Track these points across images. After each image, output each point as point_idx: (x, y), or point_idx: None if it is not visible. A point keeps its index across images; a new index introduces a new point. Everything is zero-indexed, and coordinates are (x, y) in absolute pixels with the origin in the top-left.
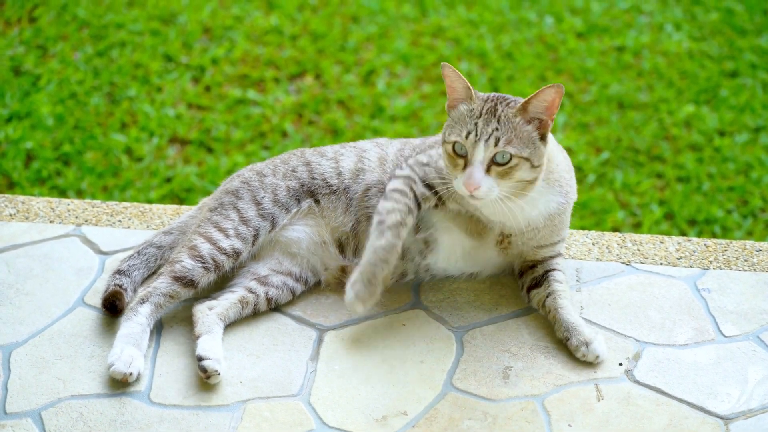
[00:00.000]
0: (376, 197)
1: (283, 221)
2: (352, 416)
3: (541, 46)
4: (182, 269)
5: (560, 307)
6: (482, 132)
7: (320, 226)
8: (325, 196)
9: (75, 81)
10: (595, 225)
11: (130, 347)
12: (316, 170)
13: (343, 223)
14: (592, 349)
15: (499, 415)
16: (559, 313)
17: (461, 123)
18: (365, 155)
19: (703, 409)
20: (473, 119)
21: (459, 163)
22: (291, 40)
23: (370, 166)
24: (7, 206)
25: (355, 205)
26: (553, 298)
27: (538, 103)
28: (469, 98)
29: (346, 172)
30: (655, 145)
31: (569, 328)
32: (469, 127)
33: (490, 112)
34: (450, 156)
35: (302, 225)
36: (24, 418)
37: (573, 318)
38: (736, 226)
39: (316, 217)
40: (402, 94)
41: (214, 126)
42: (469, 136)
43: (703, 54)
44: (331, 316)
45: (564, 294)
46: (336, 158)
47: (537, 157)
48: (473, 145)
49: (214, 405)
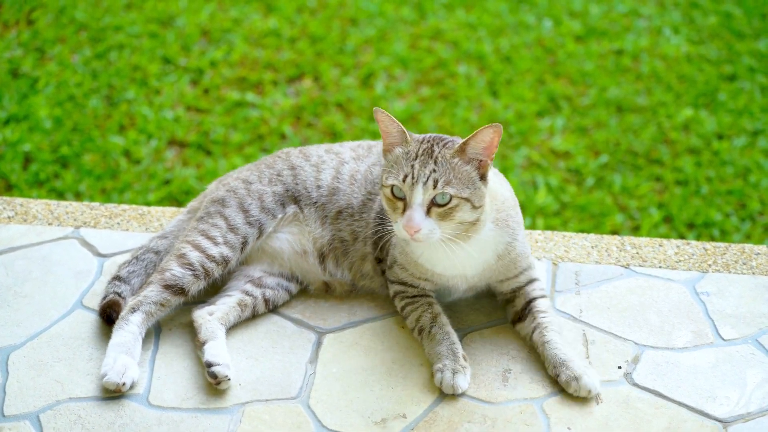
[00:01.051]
0: (346, 221)
1: (270, 228)
2: (351, 419)
3: (540, 50)
4: (172, 277)
5: (547, 342)
6: (419, 174)
7: (303, 234)
8: (307, 206)
9: (73, 83)
10: (593, 228)
11: (123, 356)
12: (300, 176)
13: (321, 235)
14: (583, 384)
15: (498, 418)
16: (546, 349)
17: (398, 166)
18: (342, 170)
19: (702, 412)
20: (409, 161)
21: (398, 206)
22: (289, 43)
23: (342, 185)
24: (5, 208)
25: (329, 224)
26: (539, 333)
27: (476, 144)
28: (404, 141)
29: (324, 186)
30: (654, 149)
31: (557, 363)
32: (405, 170)
33: (426, 154)
34: (389, 200)
35: (286, 233)
36: (22, 420)
37: (561, 353)
38: (735, 230)
39: (300, 224)
40: (400, 96)
41: (212, 128)
42: (406, 179)
43: (701, 58)
44: (330, 319)
45: (550, 326)
46: (318, 166)
47: (478, 197)
48: (411, 188)
49: (213, 408)
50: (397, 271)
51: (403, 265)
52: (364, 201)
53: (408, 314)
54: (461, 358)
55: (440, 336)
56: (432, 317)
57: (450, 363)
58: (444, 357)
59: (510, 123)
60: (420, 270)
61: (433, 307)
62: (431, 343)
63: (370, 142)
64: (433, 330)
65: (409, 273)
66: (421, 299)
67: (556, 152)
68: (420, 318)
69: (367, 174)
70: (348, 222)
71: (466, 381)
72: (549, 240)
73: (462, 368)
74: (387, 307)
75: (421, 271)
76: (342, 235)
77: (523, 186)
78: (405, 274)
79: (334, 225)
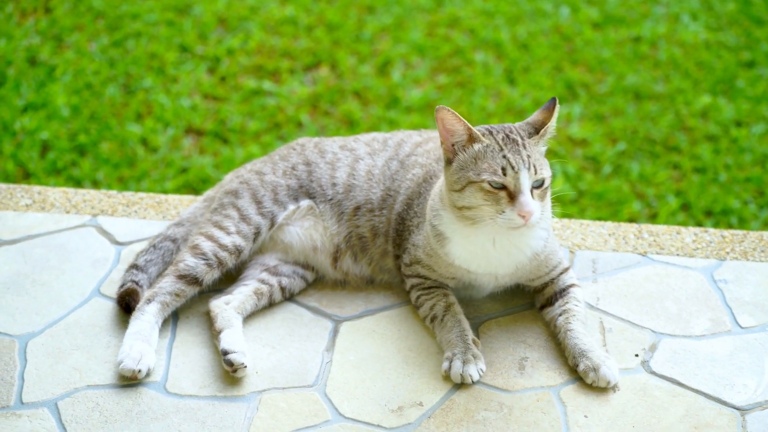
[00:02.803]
0: (365, 216)
1: (281, 219)
2: (368, 407)
3: (557, 37)
4: (185, 267)
5: (570, 330)
6: (518, 162)
7: (317, 228)
8: (322, 202)
9: (90, 71)
10: (611, 216)
11: (140, 343)
12: (315, 173)
13: (338, 231)
14: (601, 374)
15: (514, 405)
16: (568, 337)
17: (483, 161)
18: (357, 166)
19: (720, 400)
20: (498, 154)
21: (501, 196)
22: (306, 31)
23: (359, 181)
24: (24, 196)
25: (345, 221)
26: (565, 319)
27: (551, 125)
28: (471, 138)
29: (339, 184)
30: (672, 136)
31: (577, 353)
32: (500, 162)
33: (511, 142)
34: (488, 192)
35: (297, 227)
36: (40, 407)
37: (582, 342)
38: (753, 217)
39: (316, 218)
40: (417, 84)
41: (229, 117)
42: (506, 170)
43: (719, 44)
44: (347, 307)
45: (577, 315)
46: (333, 164)
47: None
48: (515, 176)
49: (230, 395)
50: (419, 269)
51: (430, 266)
52: (383, 197)
53: (422, 303)
54: (472, 346)
55: (452, 323)
56: (446, 306)
57: (459, 351)
58: (454, 345)
59: (527, 111)
60: (450, 270)
61: (448, 297)
62: (443, 330)
63: (385, 135)
64: (446, 318)
65: (436, 273)
66: (437, 290)
67: (574, 140)
68: (434, 306)
69: (385, 169)
70: (367, 218)
71: (476, 371)
72: (566, 228)
73: (473, 357)
74: (403, 296)
75: (451, 271)
76: (361, 231)
77: None
78: (429, 273)
79: (352, 221)
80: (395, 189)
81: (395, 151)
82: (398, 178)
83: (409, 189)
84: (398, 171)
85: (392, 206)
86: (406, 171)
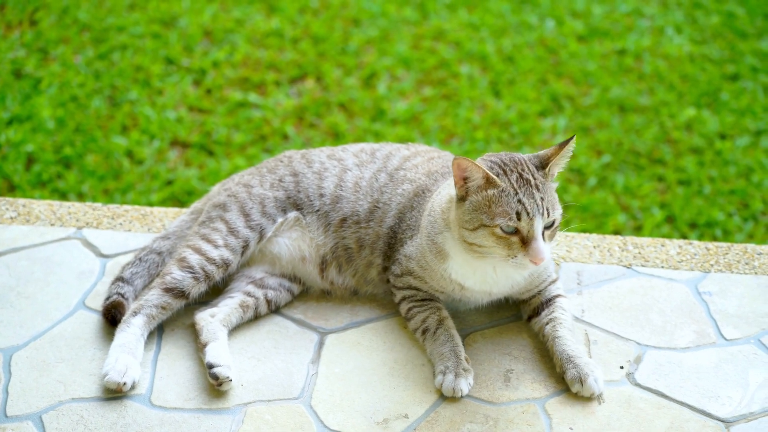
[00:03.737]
0: (351, 228)
1: (270, 232)
2: (353, 419)
3: (542, 50)
4: (172, 280)
5: (557, 337)
6: (533, 207)
7: (304, 239)
8: (309, 213)
9: (76, 84)
10: (596, 228)
11: (125, 355)
12: (302, 184)
13: (324, 242)
14: (587, 386)
15: (500, 418)
16: (556, 344)
17: (498, 205)
18: (345, 177)
19: (704, 412)
20: (512, 197)
21: (514, 240)
22: (292, 43)
23: (346, 193)
24: (8, 209)
25: (332, 232)
26: (552, 327)
27: (559, 161)
28: (487, 183)
29: (327, 195)
30: (656, 149)
31: (565, 359)
32: (515, 207)
33: (525, 183)
34: (501, 238)
35: (285, 238)
36: (25, 421)
37: (569, 348)
38: (737, 229)
39: (302, 229)
40: (403, 97)
41: (215, 129)
42: (521, 216)
43: (704, 57)
44: (332, 319)
45: (565, 323)
46: (320, 174)
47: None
48: (530, 222)
49: (215, 408)
50: (410, 280)
51: (423, 278)
52: (371, 209)
53: (413, 315)
54: (464, 361)
55: (444, 337)
56: (439, 320)
57: (452, 365)
58: (446, 359)
59: (512, 123)
60: (442, 284)
61: (441, 311)
62: (434, 344)
63: (374, 146)
64: (438, 332)
65: (428, 285)
66: (430, 303)
67: None
68: (426, 319)
69: (372, 181)
70: (353, 230)
71: (467, 384)
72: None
73: (464, 371)
74: (389, 308)
75: (444, 285)
76: (346, 243)
77: None
78: (422, 285)
79: (338, 233)
80: (385, 202)
81: (384, 163)
82: (387, 191)
83: (400, 204)
84: (387, 184)
85: (382, 219)
86: (396, 185)
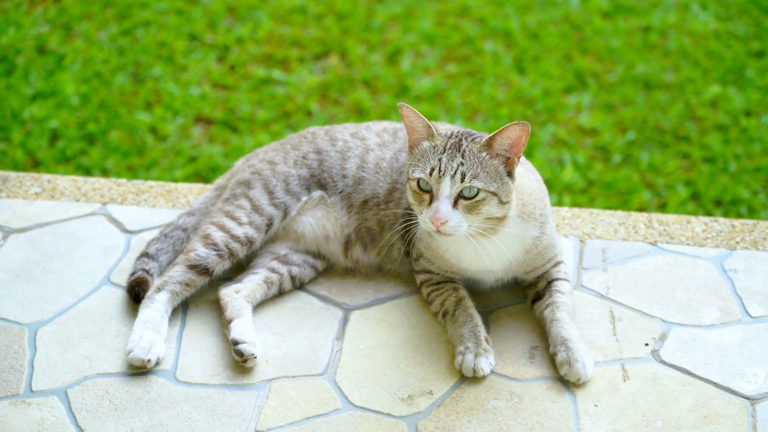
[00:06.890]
0: (372, 210)
1: (294, 211)
2: (378, 395)
3: (567, 26)
4: (196, 257)
5: (555, 319)
6: (447, 167)
7: (328, 219)
8: (333, 194)
9: (100, 60)
10: (621, 205)
11: (150, 332)
12: (326, 162)
13: (348, 223)
14: (575, 370)
15: (524, 394)
16: (553, 326)
17: (424, 159)
18: (367, 158)
19: (729, 389)
20: (437, 155)
21: (425, 198)
22: (316, 20)
23: (368, 174)
24: (33, 185)
25: (354, 213)
26: (551, 311)
27: (503, 140)
28: (430, 136)
29: (349, 176)
30: (681, 126)
31: (558, 342)
32: (432, 163)
33: (454, 147)
34: (415, 192)
35: (309, 217)
36: (50, 395)
37: (565, 332)
38: (762, 207)
39: (327, 208)
40: (427, 73)
41: (238, 105)
42: (433, 172)
43: (729, 34)
44: (357, 296)
45: (563, 306)
46: (344, 154)
47: (505, 193)
48: (438, 180)
49: (240, 384)
50: (424, 263)
51: (429, 259)
52: (389, 190)
53: (433, 299)
54: (483, 341)
55: (463, 318)
56: (457, 300)
57: (472, 346)
58: (466, 339)
59: (537, 100)
60: (446, 264)
61: (458, 291)
62: (454, 325)
63: (396, 125)
64: (457, 313)
65: (436, 266)
66: (447, 284)
67: (583, 129)
68: (445, 302)
69: (393, 162)
70: (374, 212)
71: (488, 364)
72: (576, 217)
73: (484, 351)
74: (413, 285)
75: (447, 266)
76: (369, 224)
77: (549, 163)
78: (432, 266)
79: (360, 214)
80: (403, 183)
81: (404, 143)
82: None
83: None
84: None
85: (400, 200)
86: None
